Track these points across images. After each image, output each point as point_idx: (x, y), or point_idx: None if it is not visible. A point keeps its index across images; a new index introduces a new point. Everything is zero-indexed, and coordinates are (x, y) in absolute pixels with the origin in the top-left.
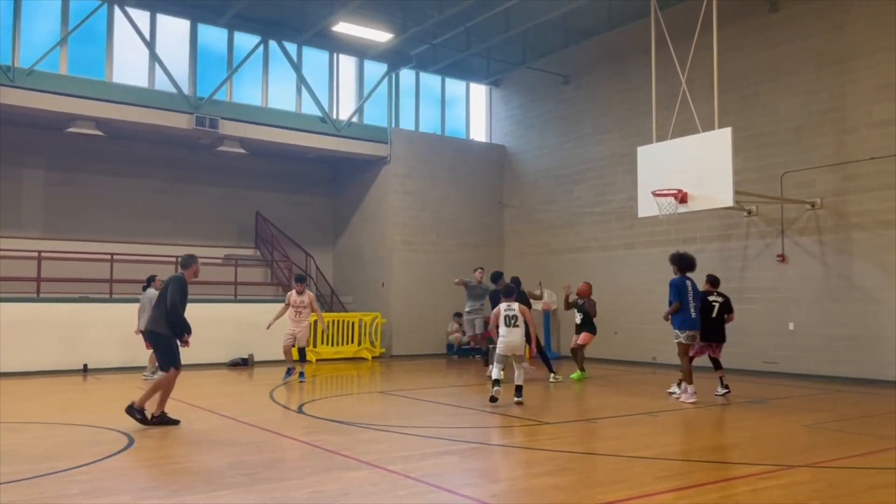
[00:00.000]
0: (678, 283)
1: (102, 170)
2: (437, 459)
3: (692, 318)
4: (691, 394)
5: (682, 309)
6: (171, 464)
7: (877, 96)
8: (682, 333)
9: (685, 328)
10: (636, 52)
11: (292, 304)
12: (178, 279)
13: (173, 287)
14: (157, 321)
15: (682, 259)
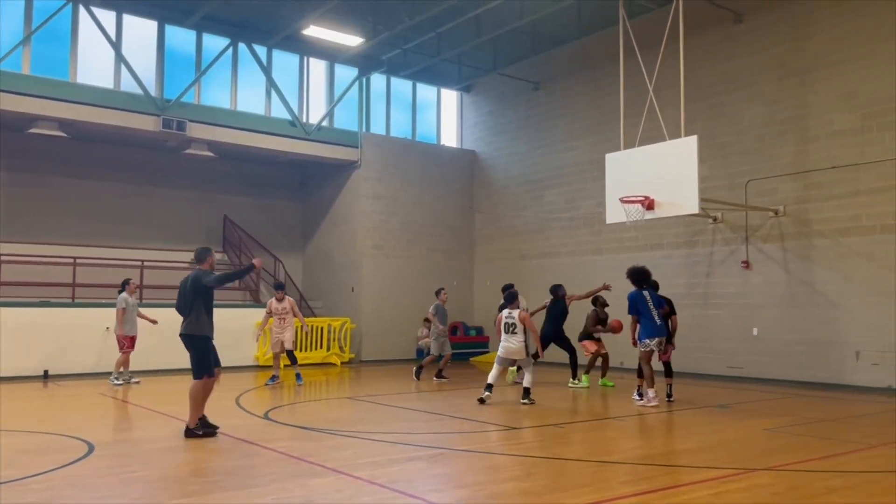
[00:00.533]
0: (634, 296)
1: (65, 172)
2: (403, 465)
3: (657, 325)
4: (652, 398)
5: (643, 319)
6: (131, 472)
7: (837, 107)
8: (651, 341)
9: (652, 335)
10: (605, 61)
11: (274, 312)
12: (203, 272)
13: (204, 277)
14: (194, 324)
15: (634, 273)
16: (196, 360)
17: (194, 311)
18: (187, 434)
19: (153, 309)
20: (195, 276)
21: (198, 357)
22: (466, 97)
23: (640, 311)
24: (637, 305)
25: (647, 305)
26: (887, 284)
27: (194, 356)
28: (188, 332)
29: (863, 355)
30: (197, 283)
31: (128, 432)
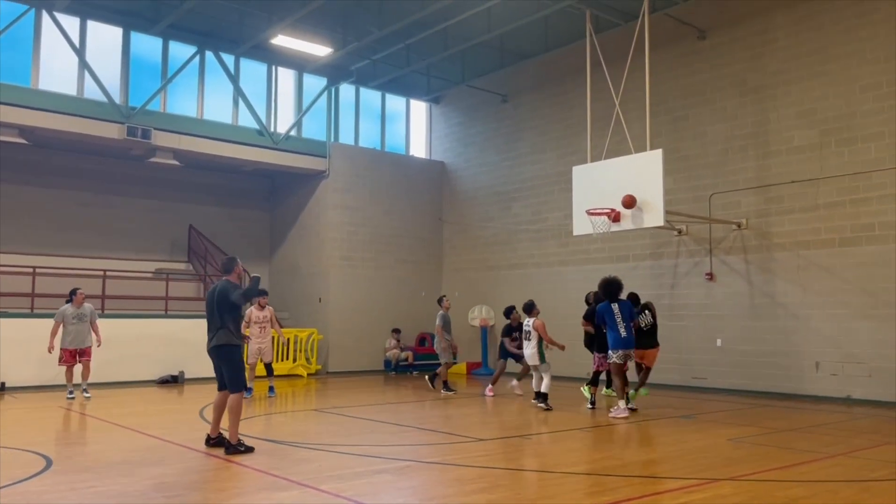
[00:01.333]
0: (602, 308)
1: (26, 179)
2: (369, 478)
3: (623, 337)
4: (623, 409)
5: (609, 331)
6: (90, 487)
7: (796, 123)
8: (615, 353)
9: (617, 347)
10: (572, 74)
11: (254, 321)
12: (231, 285)
13: (233, 292)
14: (224, 335)
15: (604, 286)
16: (232, 373)
17: (224, 323)
18: (228, 450)
19: (115, 320)
20: (223, 289)
21: (233, 369)
22: (435, 108)
23: (607, 323)
24: (604, 317)
25: (613, 318)
26: (845, 296)
27: (229, 368)
28: (220, 343)
29: (822, 366)
30: (224, 298)
31: (87, 446)
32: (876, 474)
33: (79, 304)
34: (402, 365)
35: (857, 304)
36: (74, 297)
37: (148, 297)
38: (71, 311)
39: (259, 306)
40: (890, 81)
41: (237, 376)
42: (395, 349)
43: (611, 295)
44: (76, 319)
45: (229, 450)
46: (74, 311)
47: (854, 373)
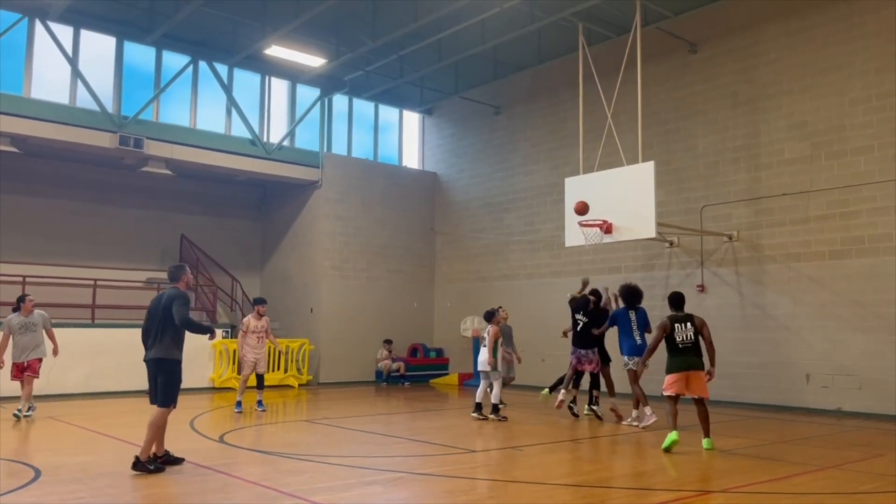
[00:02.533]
0: (619, 314)
1: (17, 189)
2: (361, 490)
3: (638, 344)
4: (650, 415)
5: (623, 337)
6: (79, 498)
7: (787, 135)
8: (631, 360)
9: (633, 354)
10: (565, 86)
11: (252, 331)
12: (179, 294)
13: (178, 303)
14: (165, 346)
15: (625, 292)
16: (165, 386)
17: (165, 334)
18: (136, 467)
19: (105, 330)
20: (169, 298)
21: (167, 383)
22: (428, 119)
23: (622, 329)
24: (617, 321)
25: (629, 325)
26: (836, 309)
27: (164, 381)
28: (159, 356)
29: (813, 378)
30: (168, 311)
31: (76, 457)
32: (867, 487)
33: (27, 312)
34: (394, 376)
35: (847, 317)
36: (23, 304)
37: (139, 306)
38: (17, 321)
39: (257, 315)
40: (880, 95)
41: (171, 391)
42: (386, 360)
43: (633, 302)
44: (24, 329)
45: (137, 466)
46: (21, 321)
47: (845, 385)
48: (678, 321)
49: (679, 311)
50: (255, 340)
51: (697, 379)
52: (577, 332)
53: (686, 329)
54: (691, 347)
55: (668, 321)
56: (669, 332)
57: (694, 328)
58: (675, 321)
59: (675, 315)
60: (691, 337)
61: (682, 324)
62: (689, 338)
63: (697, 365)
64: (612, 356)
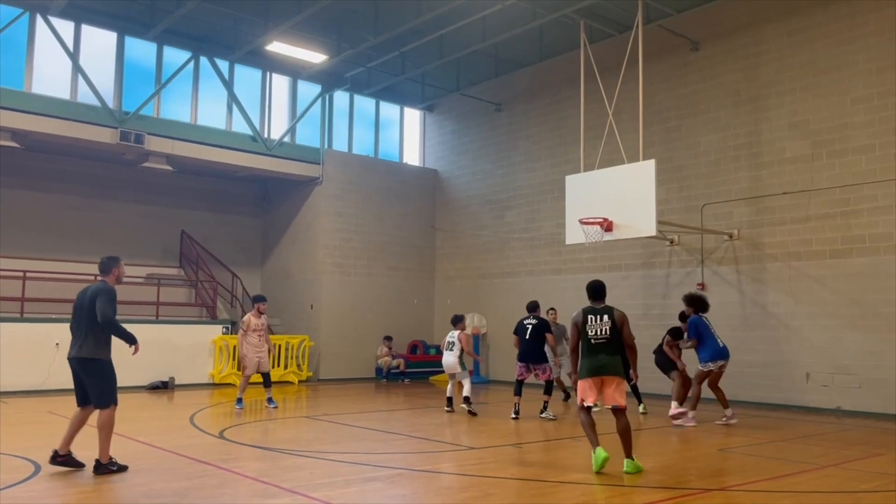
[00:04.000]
0: (696, 321)
1: (17, 184)
2: (360, 486)
3: (720, 347)
4: (691, 418)
5: (709, 341)
6: (79, 493)
7: (788, 134)
8: (714, 363)
9: (716, 358)
10: (566, 84)
11: (252, 329)
12: (104, 289)
13: (102, 299)
14: (90, 346)
15: (697, 301)
16: (100, 389)
17: (91, 332)
18: (98, 470)
19: None
20: (95, 292)
21: (100, 384)
22: (429, 116)
23: (703, 335)
24: (699, 329)
25: (709, 329)
26: (836, 307)
27: (97, 383)
28: (83, 356)
29: (813, 377)
30: (93, 307)
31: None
32: (866, 486)
33: None
34: (394, 372)
35: (847, 316)
36: None
37: (139, 302)
38: None
39: (258, 312)
40: (881, 94)
41: (107, 392)
42: (386, 357)
43: (703, 308)
44: None
45: (99, 469)
46: None
47: (844, 384)
48: (593, 313)
49: (596, 303)
50: (257, 339)
51: (612, 385)
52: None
53: (602, 322)
54: (605, 345)
55: (582, 313)
56: (582, 326)
57: (612, 321)
58: (589, 313)
59: (590, 307)
60: (606, 332)
61: (597, 316)
62: (604, 332)
63: (613, 368)
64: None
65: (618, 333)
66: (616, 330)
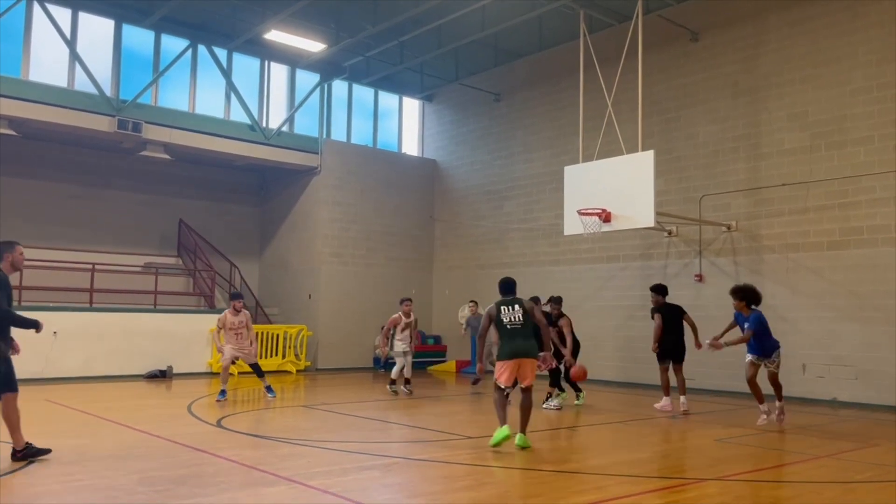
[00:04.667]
0: (760, 316)
1: (14, 171)
2: (357, 474)
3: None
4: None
5: (766, 335)
6: (76, 480)
7: (787, 125)
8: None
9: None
10: (565, 74)
11: (228, 327)
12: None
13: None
14: None
15: (750, 293)
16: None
17: None
18: (15, 457)
19: (103, 314)
20: None
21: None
22: (428, 106)
23: (760, 331)
24: (762, 323)
25: (766, 322)
26: (833, 299)
27: None
28: None
29: (809, 368)
30: None
31: (73, 440)
32: (861, 476)
33: None
34: (392, 362)
35: (844, 307)
36: None
37: (137, 291)
38: None
39: (234, 311)
40: (881, 85)
41: (4, 380)
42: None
43: (758, 301)
44: None
45: (16, 456)
46: None
47: (841, 375)
48: (505, 304)
49: (507, 296)
50: (234, 337)
51: (528, 365)
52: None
53: (514, 311)
54: (520, 329)
55: (495, 306)
56: (496, 316)
57: (522, 310)
58: (502, 304)
59: (502, 300)
60: (520, 318)
61: (508, 306)
62: (518, 319)
63: (528, 350)
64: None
65: (530, 319)
66: (528, 315)
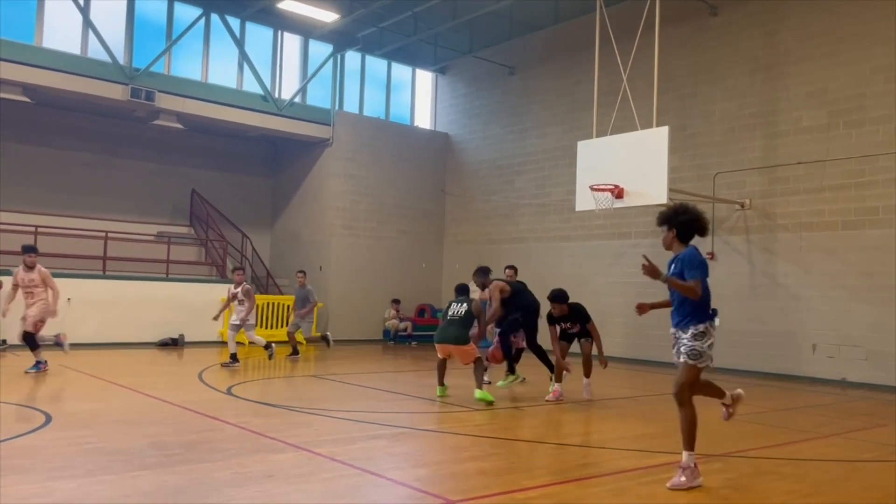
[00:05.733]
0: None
1: (29, 139)
2: (365, 443)
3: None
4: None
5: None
6: (87, 443)
7: (805, 103)
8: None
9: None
10: (580, 48)
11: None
12: None
13: None
14: None
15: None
16: None
17: None
18: None
19: (116, 282)
20: None
21: None
22: (441, 79)
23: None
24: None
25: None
26: (846, 279)
27: None
28: None
29: (819, 348)
30: None
31: (86, 404)
32: (868, 455)
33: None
34: (401, 335)
35: (857, 287)
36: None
37: (149, 259)
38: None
39: (26, 267)
40: None
41: None
42: (394, 319)
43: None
44: None
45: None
46: None
47: (851, 355)
48: (456, 301)
49: (459, 297)
50: (27, 296)
51: (454, 350)
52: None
53: (460, 307)
54: (457, 321)
55: (448, 303)
56: (445, 310)
57: (468, 308)
58: (453, 301)
59: (455, 299)
60: (461, 313)
61: (458, 304)
62: (459, 313)
63: (448, 338)
64: None
65: (471, 315)
66: (469, 313)
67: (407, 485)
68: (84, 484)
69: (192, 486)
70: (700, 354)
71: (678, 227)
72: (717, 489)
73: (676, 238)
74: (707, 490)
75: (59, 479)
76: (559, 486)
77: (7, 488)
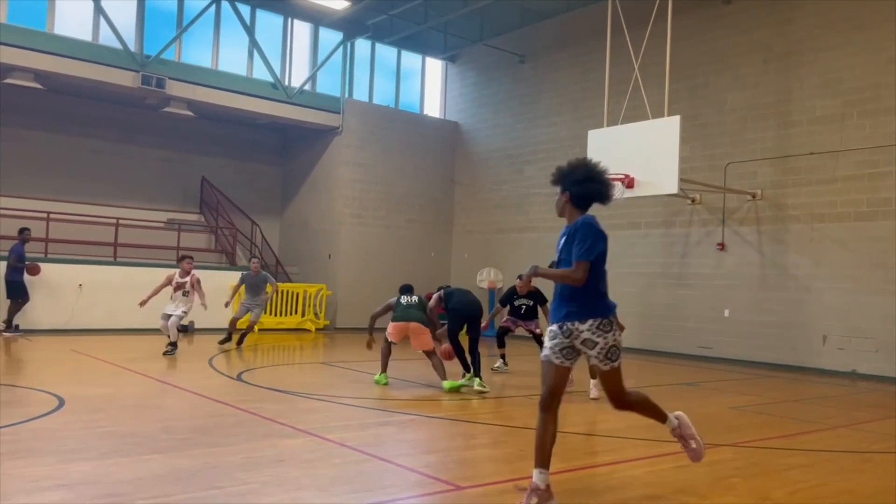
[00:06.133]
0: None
1: (40, 125)
2: (375, 430)
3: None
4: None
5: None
6: (101, 426)
7: (819, 92)
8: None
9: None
10: (592, 36)
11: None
12: None
13: None
14: None
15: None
16: None
17: None
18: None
19: (127, 268)
20: None
21: None
22: (451, 67)
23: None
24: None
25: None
26: (857, 271)
27: None
28: None
29: (829, 339)
30: None
31: (98, 388)
32: (877, 447)
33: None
34: None
35: (868, 279)
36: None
37: (159, 246)
38: None
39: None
40: None
41: None
42: None
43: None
44: None
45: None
46: None
47: (861, 347)
48: (404, 295)
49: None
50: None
51: (417, 332)
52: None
53: (410, 298)
54: (416, 305)
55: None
56: (396, 300)
57: (419, 298)
58: (402, 296)
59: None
60: (416, 301)
61: (407, 296)
62: (414, 301)
63: (420, 318)
64: None
65: (424, 303)
66: (422, 301)
67: (416, 471)
68: (98, 466)
69: (204, 469)
70: (618, 349)
71: (572, 188)
72: (726, 478)
73: (570, 202)
74: (716, 479)
75: (73, 462)
76: (568, 474)
77: (22, 470)
